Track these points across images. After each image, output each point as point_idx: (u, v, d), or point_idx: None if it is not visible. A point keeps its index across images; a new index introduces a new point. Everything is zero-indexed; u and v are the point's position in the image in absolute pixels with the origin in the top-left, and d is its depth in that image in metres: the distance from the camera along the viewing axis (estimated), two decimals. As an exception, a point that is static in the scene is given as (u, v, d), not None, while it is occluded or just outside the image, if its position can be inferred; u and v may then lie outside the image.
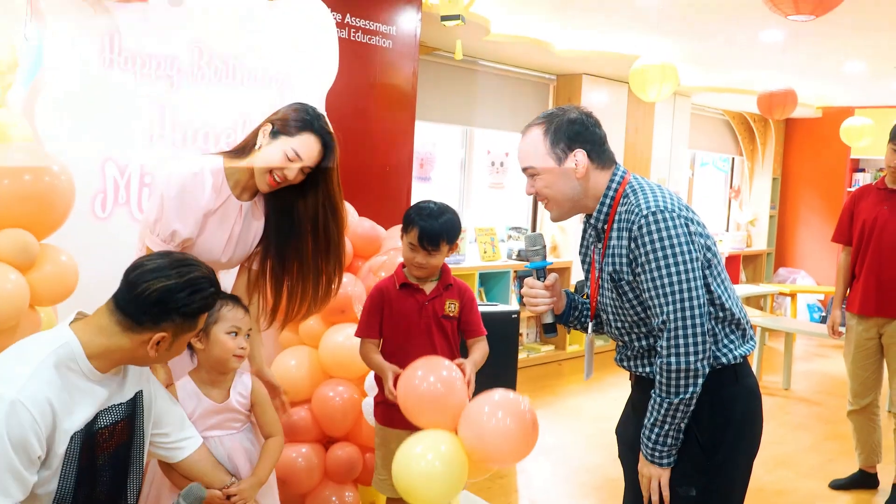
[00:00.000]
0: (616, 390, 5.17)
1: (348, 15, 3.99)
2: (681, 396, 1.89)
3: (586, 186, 2.02)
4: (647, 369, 2.05)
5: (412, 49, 4.35)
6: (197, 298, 1.85)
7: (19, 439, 1.62)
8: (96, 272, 2.76)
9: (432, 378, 2.37)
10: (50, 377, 1.71)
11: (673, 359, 1.88)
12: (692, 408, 1.91)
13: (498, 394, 2.38)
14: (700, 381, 1.89)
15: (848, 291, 4.12)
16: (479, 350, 2.69)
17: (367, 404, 2.95)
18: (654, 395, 1.94)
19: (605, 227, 2.03)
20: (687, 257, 1.87)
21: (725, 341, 1.98)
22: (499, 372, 4.83)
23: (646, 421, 1.97)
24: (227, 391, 2.30)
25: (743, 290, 8.28)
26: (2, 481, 1.62)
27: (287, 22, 3.34)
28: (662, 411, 1.91)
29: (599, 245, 2.06)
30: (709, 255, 1.96)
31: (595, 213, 2.04)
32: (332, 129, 2.42)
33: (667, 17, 5.03)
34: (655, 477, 1.97)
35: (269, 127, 2.35)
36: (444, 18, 3.55)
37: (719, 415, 1.97)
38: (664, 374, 1.90)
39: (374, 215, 3.42)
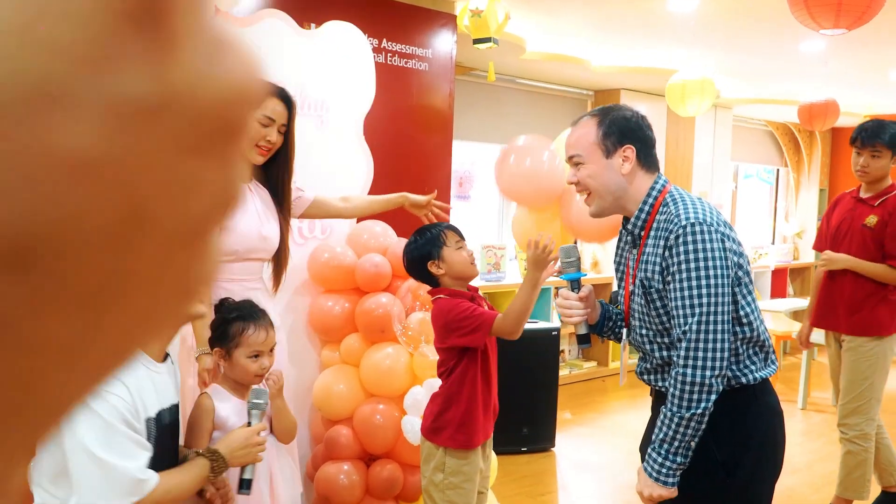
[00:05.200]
0: (659, 406, 5.14)
1: (385, 40, 4.08)
2: (692, 411, 1.87)
3: (629, 185, 2.02)
4: (667, 384, 2.05)
5: (448, 71, 4.42)
6: None
7: (118, 415, 1.73)
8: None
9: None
10: None
11: (689, 370, 1.87)
12: (703, 426, 1.90)
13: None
14: (713, 397, 1.87)
15: None
16: None
17: (408, 422, 3.00)
18: (664, 409, 1.93)
19: (642, 233, 2.03)
20: (719, 272, 1.86)
21: (747, 362, 1.97)
22: (540, 388, 4.85)
23: (654, 437, 1.95)
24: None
25: (791, 303, 8.15)
26: (125, 451, 1.72)
27: (324, 50, 3.43)
28: (673, 426, 1.90)
29: (635, 251, 2.08)
30: (740, 273, 1.95)
31: (633, 219, 2.04)
32: (283, 86, 2.65)
33: (704, 30, 5.03)
34: (657, 498, 1.94)
35: None
36: (477, 42, 3.62)
37: (739, 433, 1.96)
38: (678, 385, 1.89)
39: (412, 236, 3.48)
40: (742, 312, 1.95)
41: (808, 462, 4.85)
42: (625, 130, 2.02)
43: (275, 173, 2.72)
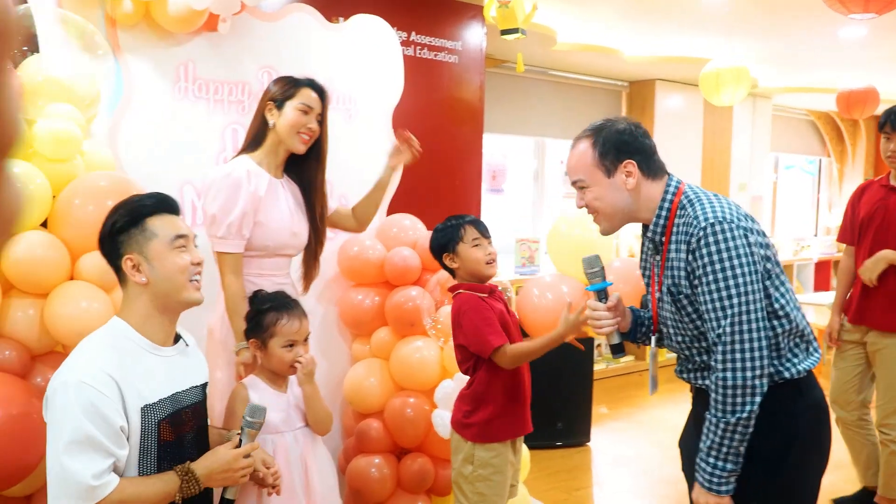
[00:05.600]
0: (696, 400, 5.04)
1: (413, 33, 4.07)
2: (738, 415, 1.80)
3: (638, 198, 1.98)
4: (709, 381, 1.97)
5: (478, 63, 4.40)
6: (119, 214, 1.91)
7: (94, 412, 1.71)
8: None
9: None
10: (106, 355, 1.80)
11: (729, 374, 1.81)
12: (751, 429, 1.83)
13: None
14: (758, 399, 1.80)
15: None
16: None
17: (438, 416, 2.99)
18: (709, 416, 1.86)
19: (663, 239, 1.97)
20: (746, 269, 1.80)
21: (789, 355, 1.91)
22: (575, 383, 4.81)
23: (702, 445, 1.88)
24: (286, 386, 2.37)
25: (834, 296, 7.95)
26: (85, 455, 1.69)
27: (352, 43, 3.43)
28: (720, 433, 1.83)
29: (658, 258, 2.02)
30: (769, 265, 1.88)
31: (651, 227, 1.99)
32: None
33: (737, 18, 4.93)
34: None
35: (270, 104, 2.58)
36: (504, 32, 3.59)
37: (783, 430, 1.89)
38: (720, 390, 1.82)
39: (442, 229, 3.46)
40: (777, 305, 1.88)
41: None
42: (620, 145, 1.96)
43: (307, 168, 2.72)
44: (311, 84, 2.62)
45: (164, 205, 1.93)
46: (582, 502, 4.06)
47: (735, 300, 1.79)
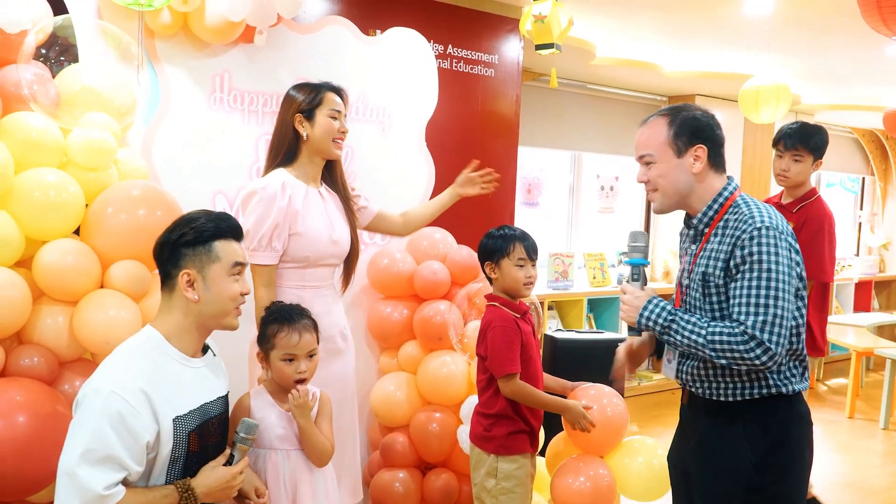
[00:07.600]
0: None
1: (450, 46, 4.06)
2: (710, 353, 1.91)
3: (698, 185, 2.05)
4: (697, 385, 2.07)
5: (515, 77, 4.38)
6: (191, 228, 1.93)
7: (119, 423, 1.73)
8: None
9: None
10: (139, 366, 1.83)
11: (742, 347, 1.88)
12: (698, 353, 1.96)
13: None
14: (737, 364, 1.90)
15: None
16: None
17: (464, 432, 2.97)
18: (702, 322, 1.95)
19: (707, 229, 2.05)
20: (785, 278, 1.89)
21: (788, 374, 2.00)
22: (605, 401, 4.74)
23: (688, 320, 1.98)
24: None
25: (876, 318, 7.76)
26: (101, 466, 1.70)
27: (387, 57, 3.44)
28: (693, 338, 1.94)
29: (694, 247, 2.10)
30: (800, 284, 1.98)
31: (700, 215, 2.06)
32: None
33: (781, 34, 4.85)
34: (625, 306, 2.11)
35: (300, 117, 2.57)
36: (539, 47, 3.57)
37: (771, 437, 1.99)
38: (726, 337, 1.90)
39: (474, 243, 3.44)
40: (793, 324, 1.97)
41: (887, 484, 4.61)
42: (696, 130, 2.03)
43: (336, 171, 2.75)
44: (332, 87, 2.65)
45: (231, 230, 1.99)
46: (609, 523, 3.99)
47: (771, 301, 1.88)
